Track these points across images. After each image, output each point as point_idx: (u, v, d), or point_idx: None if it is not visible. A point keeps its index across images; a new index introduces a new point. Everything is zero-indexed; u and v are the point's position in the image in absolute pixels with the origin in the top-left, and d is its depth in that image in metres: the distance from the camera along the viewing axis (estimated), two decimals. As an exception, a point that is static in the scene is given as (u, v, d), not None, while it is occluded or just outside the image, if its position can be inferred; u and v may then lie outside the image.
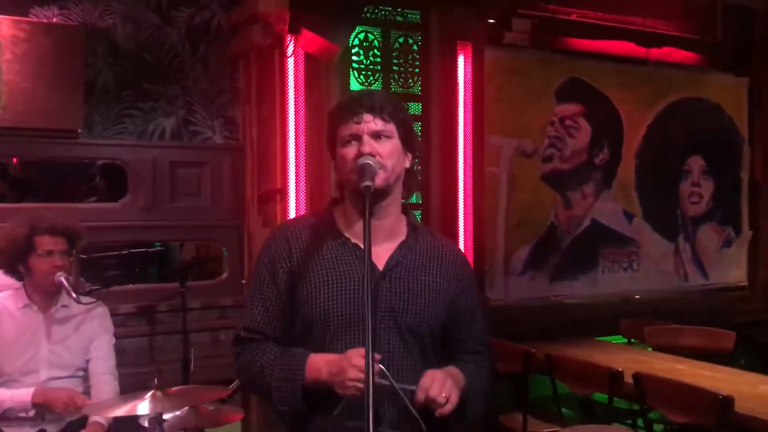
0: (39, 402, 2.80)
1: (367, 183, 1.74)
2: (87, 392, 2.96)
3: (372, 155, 1.81)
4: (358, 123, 1.83)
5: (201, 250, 4.75)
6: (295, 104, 4.03)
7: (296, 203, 4.04)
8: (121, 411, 2.47)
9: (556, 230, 5.19)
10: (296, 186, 4.04)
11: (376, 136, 1.83)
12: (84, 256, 3.70)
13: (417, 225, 1.98)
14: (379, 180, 1.81)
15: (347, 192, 1.92)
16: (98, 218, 3.78)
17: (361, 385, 1.67)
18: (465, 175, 4.54)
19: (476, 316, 2.02)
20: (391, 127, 1.86)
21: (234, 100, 4.16)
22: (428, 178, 4.42)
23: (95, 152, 3.90)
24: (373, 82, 4.30)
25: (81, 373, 3.02)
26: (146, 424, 2.42)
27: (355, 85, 4.24)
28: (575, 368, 3.63)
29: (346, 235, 1.89)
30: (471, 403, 1.87)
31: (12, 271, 2.97)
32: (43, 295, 2.98)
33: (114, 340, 3.13)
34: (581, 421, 4.08)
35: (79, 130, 3.69)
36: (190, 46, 4.05)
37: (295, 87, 4.02)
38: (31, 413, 2.83)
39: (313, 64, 3.98)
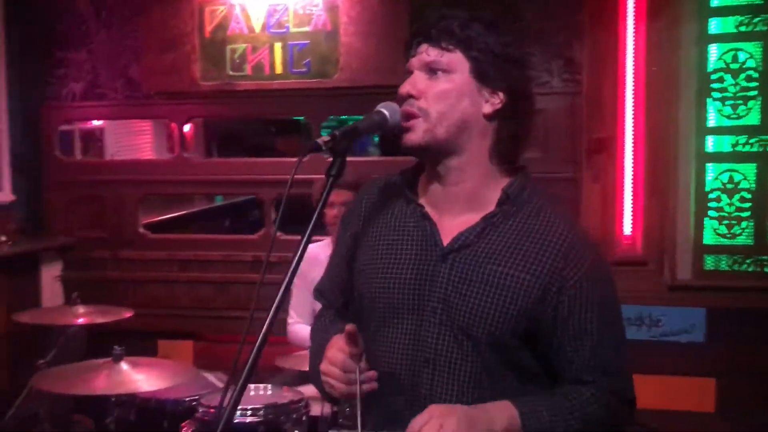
0: None
1: (319, 140, 1.33)
2: None
3: (413, 96, 1.39)
4: (413, 55, 1.42)
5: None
6: (634, 35, 3.34)
7: (633, 155, 3.39)
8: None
9: None
10: (634, 135, 3.38)
11: (430, 69, 1.39)
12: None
13: (517, 194, 1.43)
14: (417, 133, 1.39)
15: None
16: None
17: (331, 381, 1.39)
18: None
19: (587, 331, 1.38)
20: (451, 58, 1.38)
21: (575, 37, 3.66)
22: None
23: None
24: (748, -7, 3.25)
25: None
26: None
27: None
28: None
29: (421, 201, 1.49)
30: None
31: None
32: None
33: None
34: None
35: (407, 84, 3.76)
36: (526, -19, 3.71)
37: (635, 14, 3.32)
38: None
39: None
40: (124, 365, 2.74)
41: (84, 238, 4.28)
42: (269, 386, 2.67)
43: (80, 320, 3.27)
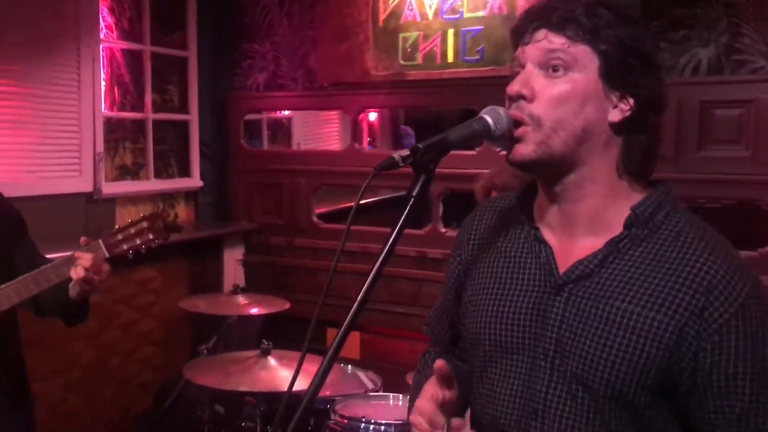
0: None
1: (396, 155, 1.09)
2: None
3: (524, 97, 1.14)
4: (526, 44, 1.17)
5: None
6: None
7: None
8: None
9: None
10: None
11: (547, 65, 1.14)
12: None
13: (650, 214, 1.15)
14: (529, 146, 1.15)
15: None
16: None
17: None
18: None
19: (736, 389, 1.09)
20: (577, 51, 1.13)
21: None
22: None
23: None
24: None
25: None
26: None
27: None
28: None
29: (537, 223, 1.26)
30: None
31: None
32: None
33: None
34: None
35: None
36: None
37: None
38: None
39: None
40: (271, 360, 2.75)
41: (264, 224, 4.41)
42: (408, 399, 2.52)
43: (240, 311, 3.35)
